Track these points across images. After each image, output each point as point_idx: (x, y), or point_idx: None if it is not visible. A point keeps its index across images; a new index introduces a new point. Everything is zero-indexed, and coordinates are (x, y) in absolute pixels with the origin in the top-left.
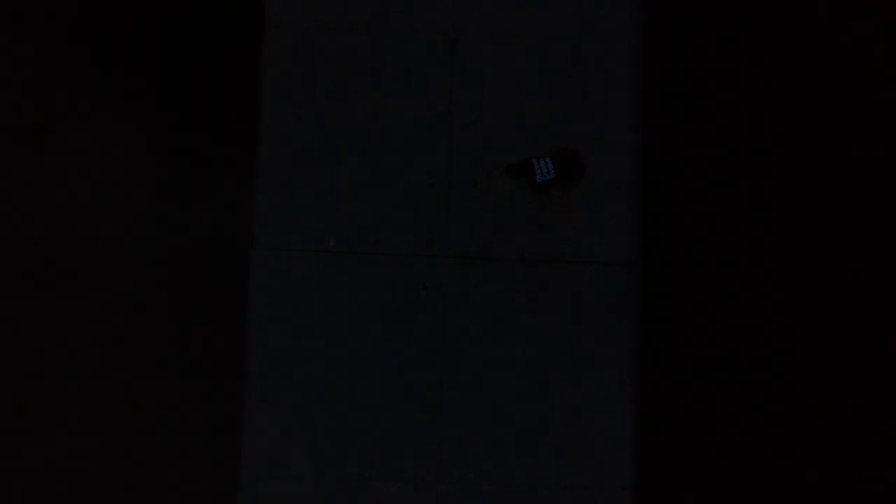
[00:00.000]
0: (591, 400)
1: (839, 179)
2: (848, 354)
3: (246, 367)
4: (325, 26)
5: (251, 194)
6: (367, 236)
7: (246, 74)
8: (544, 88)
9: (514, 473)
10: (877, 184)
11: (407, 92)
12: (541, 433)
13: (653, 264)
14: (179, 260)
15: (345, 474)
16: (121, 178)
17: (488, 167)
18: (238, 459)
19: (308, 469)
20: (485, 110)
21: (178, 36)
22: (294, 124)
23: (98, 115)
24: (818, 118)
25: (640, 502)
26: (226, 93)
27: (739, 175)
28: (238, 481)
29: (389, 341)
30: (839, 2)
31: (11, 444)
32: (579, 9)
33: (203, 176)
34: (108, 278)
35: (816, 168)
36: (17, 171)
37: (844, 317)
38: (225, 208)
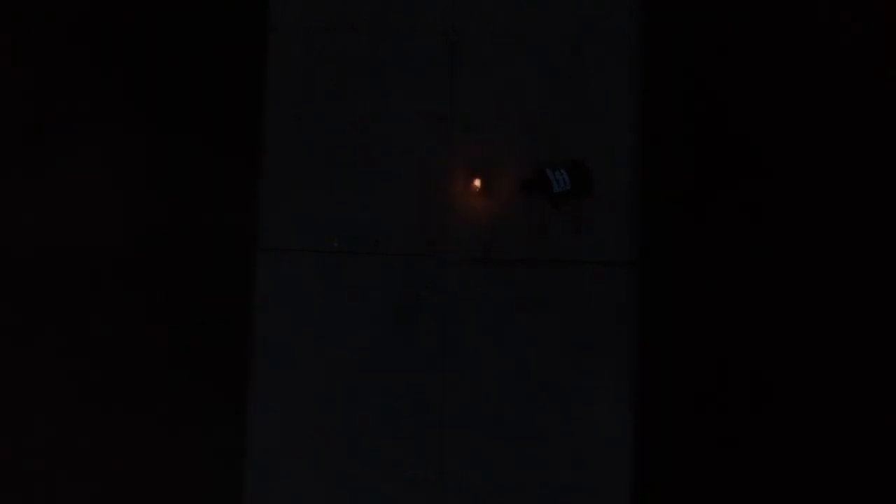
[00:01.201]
0: (591, 399)
1: (839, 179)
2: (848, 354)
3: (250, 367)
4: (326, 27)
5: (255, 195)
6: (369, 237)
7: (248, 75)
8: (544, 89)
9: (514, 472)
10: (877, 184)
11: (408, 92)
12: (541, 432)
13: (653, 265)
14: (184, 260)
15: (347, 473)
16: (124, 180)
17: (489, 168)
18: (243, 458)
19: (311, 468)
20: (485, 110)
21: (180, 37)
22: (296, 125)
23: (98, 117)
24: (818, 118)
25: (639, 502)
26: (228, 94)
27: (739, 175)
28: (242, 481)
29: (391, 341)
30: (839, 2)
31: (14, 446)
32: (579, 9)
33: (207, 177)
34: (111, 278)
35: (816, 168)
36: (17, 172)
37: (844, 316)
38: (229, 209)
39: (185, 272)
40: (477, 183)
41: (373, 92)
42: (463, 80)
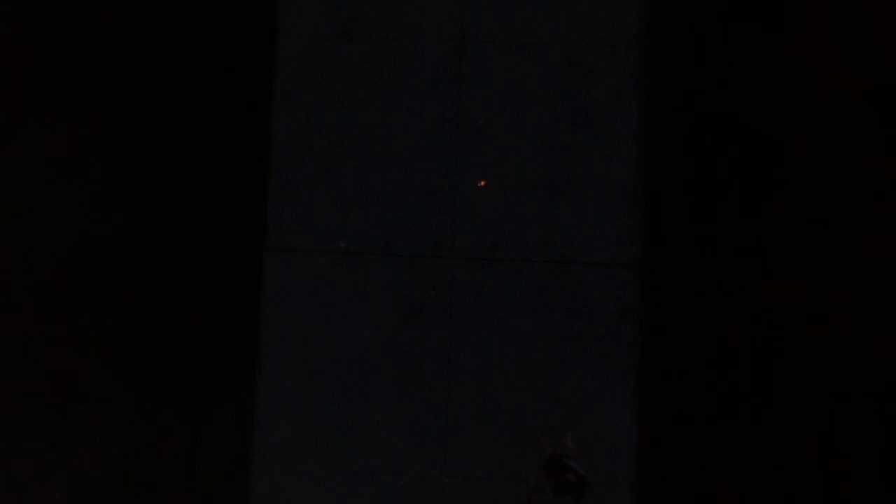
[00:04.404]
0: (593, 397)
1: (841, 179)
2: (850, 355)
3: (259, 365)
4: (335, 33)
5: (264, 196)
6: (377, 238)
7: (257, 79)
8: (548, 91)
9: (518, 469)
10: (878, 185)
11: (414, 95)
12: (545, 431)
13: (655, 265)
14: (193, 260)
15: (354, 470)
16: (132, 182)
17: (494, 170)
18: (250, 455)
19: (318, 465)
20: (491, 114)
21: (190, 42)
22: (305, 128)
23: (106, 120)
24: (819, 118)
25: (641, 497)
26: (237, 98)
27: (741, 176)
28: (250, 478)
29: (398, 340)
30: (839, 2)
31: (19, 444)
32: (582, 13)
33: (216, 179)
34: (119, 277)
35: (818, 168)
36: (18, 173)
37: (846, 318)
38: (237, 210)
39: (194, 272)
40: (482, 184)
41: (380, 95)
42: (469, 84)
